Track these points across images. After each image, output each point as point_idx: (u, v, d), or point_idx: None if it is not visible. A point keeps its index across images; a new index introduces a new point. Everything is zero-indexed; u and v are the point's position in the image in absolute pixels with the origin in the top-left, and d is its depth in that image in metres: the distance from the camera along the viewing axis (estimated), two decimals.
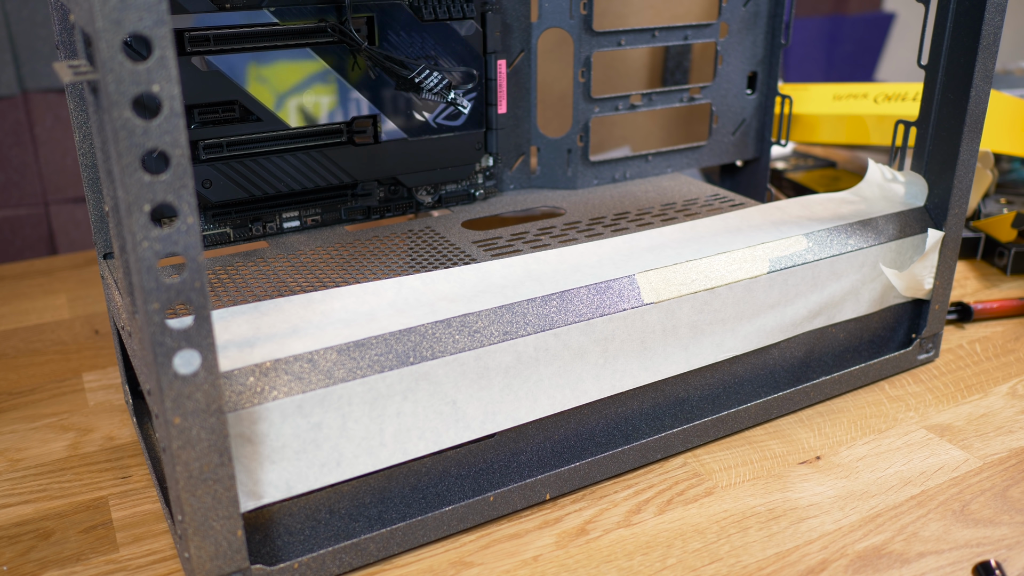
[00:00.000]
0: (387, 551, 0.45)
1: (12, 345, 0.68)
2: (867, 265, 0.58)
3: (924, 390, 0.61)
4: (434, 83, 0.58)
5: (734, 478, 0.52)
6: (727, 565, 0.45)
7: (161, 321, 0.33)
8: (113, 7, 0.29)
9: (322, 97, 0.55)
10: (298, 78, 0.54)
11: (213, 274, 0.52)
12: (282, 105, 0.54)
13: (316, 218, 0.59)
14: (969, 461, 0.53)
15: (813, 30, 1.77)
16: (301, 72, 0.54)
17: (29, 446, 0.55)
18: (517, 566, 0.45)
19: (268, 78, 0.53)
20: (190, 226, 0.32)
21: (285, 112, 0.54)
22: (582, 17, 0.63)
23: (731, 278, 0.52)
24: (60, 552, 0.46)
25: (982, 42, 0.53)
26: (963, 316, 0.70)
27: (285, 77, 0.54)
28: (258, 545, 0.43)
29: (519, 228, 0.59)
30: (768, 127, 0.73)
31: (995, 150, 0.84)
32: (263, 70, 0.53)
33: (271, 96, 0.53)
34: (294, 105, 0.54)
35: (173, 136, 0.31)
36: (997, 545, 0.46)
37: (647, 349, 0.50)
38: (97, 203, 0.52)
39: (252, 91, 0.53)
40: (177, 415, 0.35)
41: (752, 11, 0.69)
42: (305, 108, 0.55)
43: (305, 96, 0.55)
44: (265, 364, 0.40)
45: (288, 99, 0.54)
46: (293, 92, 0.54)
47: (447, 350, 0.44)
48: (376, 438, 0.43)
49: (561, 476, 0.49)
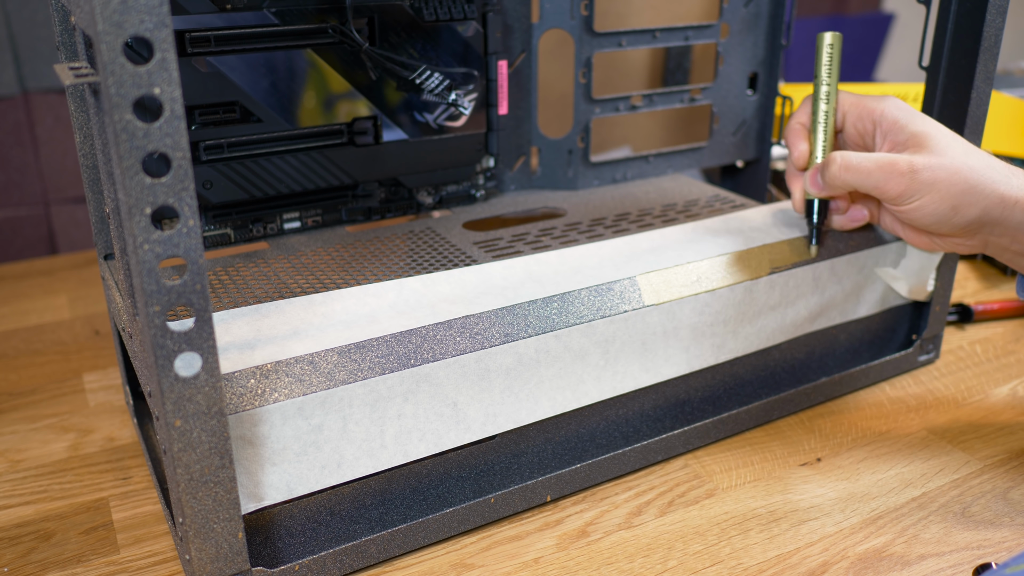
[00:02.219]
0: (388, 553, 0.45)
1: (12, 345, 0.68)
2: (867, 267, 0.58)
3: (925, 391, 0.61)
4: (435, 84, 0.58)
5: (735, 480, 0.52)
6: (728, 567, 0.45)
7: (162, 323, 0.33)
8: (114, 9, 0.29)
9: (323, 98, 0.55)
10: (299, 79, 0.54)
11: (214, 275, 0.52)
12: (283, 106, 0.54)
13: (317, 219, 0.59)
14: (970, 463, 0.53)
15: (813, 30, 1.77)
16: (302, 73, 0.54)
17: (30, 447, 0.55)
18: (518, 568, 0.45)
19: (269, 79, 0.53)
20: (191, 228, 0.32)
21: (286, 113, 0.54)
22: (583, 18, 0.63)
23: (732, 280, 0.52)
24: (61, 553, 0.46)
25: (983, 44, 0.53)
26: (963, 317, 0.70)
27: (286, 78, 0.53)
28: (259, 547, 0.43)
29: (520, 229, 0.59)
30: (769, 128, 0.73)
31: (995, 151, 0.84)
32: (264, 71, 0.53)
33: (272, 97, 0.53)
34: (295, 106, 0.54)
35: (174, 139, 0.31)
36: (998, 547, 0.46)
37: (648, 351, 0.50)
38: (98, 204, 0.52)
39: (253, 92, 0.53)
40: (178, 417, 0.35)
41: (753, 12, 0.69)
42: (306, 109, 0.55)
43: (306, 97, 0.55)
44: (266, 366, 0.40)
45: (289, 100, 0.54)
46: (294, 93, 0.54)
47: (448, 352, 0.44)
48: (377, 440, 0.43)
49: (562, 478, 0.49)
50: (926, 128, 0.50)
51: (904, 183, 0.49)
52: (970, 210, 0.48)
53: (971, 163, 0.48)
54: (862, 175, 0.50)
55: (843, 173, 0.50)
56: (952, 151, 0.49)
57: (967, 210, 0.48)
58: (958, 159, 0.48)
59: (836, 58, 0.53)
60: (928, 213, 0.49)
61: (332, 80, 0.55)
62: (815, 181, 0.53)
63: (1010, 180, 0.48)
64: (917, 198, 0.49)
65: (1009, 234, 0.49)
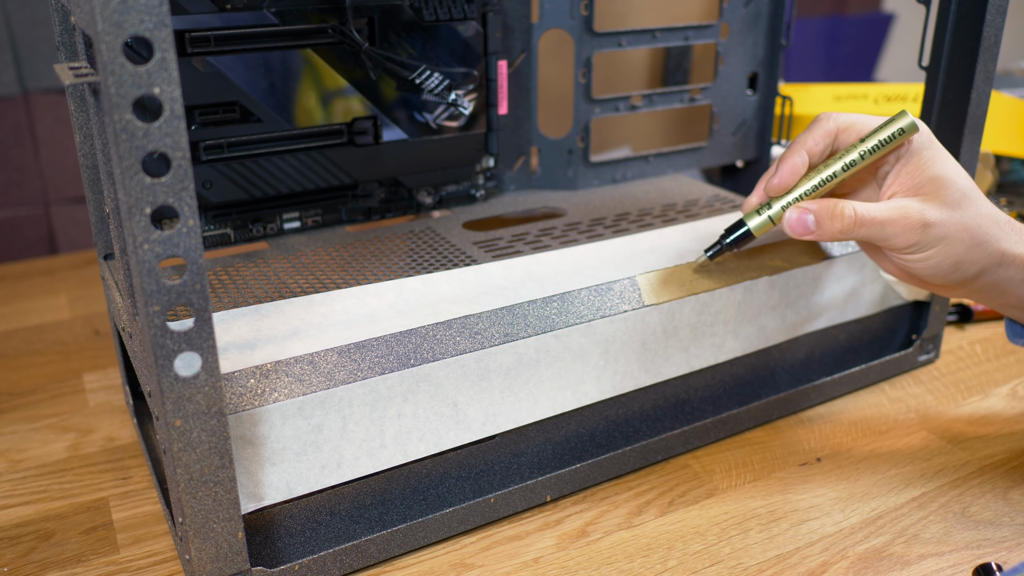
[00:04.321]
0: (388, 553, 0.45)
1: (12, 345, 0.68)
2: (867, 267, 0.58)
3: (925, 391, 0.61)
4: (435, 84, 0.58)
5: (735, 480, 0.52)
6: (728, 567, 0.45)
7: (162, 323, 0.33)
8: (114, 9, 0.29)
9: (323, 98, 0.55)
10: (299, 79, 0.54)
11: (214, 275, 0.52)
12: (282, 106, 0.54)
13: (317, 219, 0.59)
14: (970, 463, 0.53)
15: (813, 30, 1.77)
16: (302, 73, 0.54)
17: (29, 447, 0.55)
18: (518, 568, 0.45)
19: (269, 79, 0.53)
20: (191, 228, 0.32)
21: (286, 113, 0.54)
22: (583, 18, 0.63)
23: (731, 279, 0.52)
24: (61, 553, 0.46)
25: (983, 44, 0.53)
26: (963, 317, 0.70)
27: (286, 78, 0.53)
28: (259, 547, 0.43)
29: (520, 229, 0.59)
30: (769, 128, 0.73)
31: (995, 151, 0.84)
32: (264, 71, 0.53)
33: (271, 97, 0.53)
34: (294, 106, 0.54)
35: (174, 139, 0.31)
36: (998, 547, 0.46)
37: (648, 351, 0.50)
38: (98, 204, 0.52)
39: (252, 92, 0.53)
40: (178, 417, 0.35)
41: (753, 12, 0.69)
42: (305, 109, 0.55)
43: (305, 97, 0.55)
44: (266, 366, 0.40)
45: (289, 100, 0.54)
46: (294, 93, 0.54)
47: (448, 352, 0.44)
48: (377, 440, 0.43)
49: (562, 478, 0.49)
50: (945, 173, 0.47)
51: (915, 237, 0.46)
52: (971, 267, 0.47)
53: (980, 221, 0.47)
54: (875, 229, 0.46)
55: (856, 229, 0.46)
56: (965, 204, 0.47)
57: (968, 267, 0.47)
58: (969, 214, 0.46)
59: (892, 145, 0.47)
60: (931, 266, 0.47)
61: (332, 80, 0.55)
62: (804, 224, 0.47)
63: (1011, 236, 0.47)
64: (923, 250, 0.47)
65: (1000, 288, 0.48)
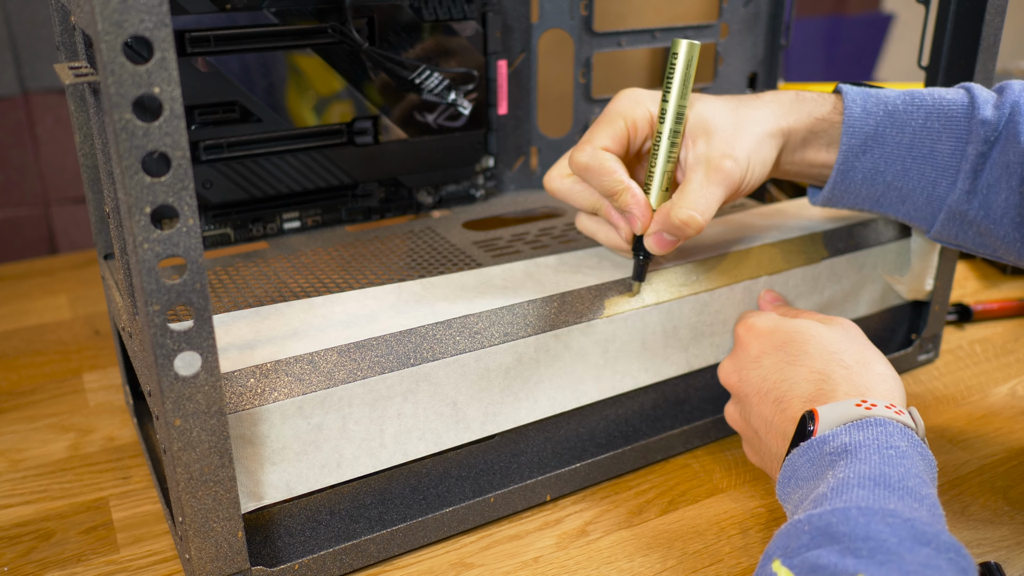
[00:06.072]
0: (388, 552, 0.45)
1: (12, 345, 0.68)
2: (867, 266, 0.58)
3: (924, 391, 0.61)
4: (434, 84, 0.58)
5: (735, 480, 0.52)
6: (728, 567, 0.45)
7: (162, 323, 0.33)
8: (114, 9, 0.29)
9: (322, 98, 0.55)
10: (299, 79, 0.54)
11: (213, 275, 0.52)
12: (282, 106, 0.54)
13: (316, 219, 0.59)
14: (969, 462, 0.53)
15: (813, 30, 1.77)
16: (302, 73, 0.54)
17: (30, 447, 0.55)
18: (518, 567, 0.45)
19: (268, 79, 0.53)
20: (191, 228, 0.32)
21: (285, 113, 0.54)
22: (582, 18, 0.63)
23: (731, 279, 0.52)
24: (61, 553, 0.46)
25: (982, 43, 0.53)
26: (963, 317, 0.70)
27: (286, 78, 0.54)
28: (259, 546, 0.43)
29: (520, 229, 0.59)
30: None
31: None
32: (263, 71, 0.53)
33: (271, 97, 0.53)
34: (294, 106, 0.54)
35: (174, 138, 0.31)
36: (997, 546, 0.46)
37: (647, 350, 0.50)
38: (98, 204, 0.52)
39: (252, 92, 0.53)
40: (178, 417, 0.35)
41: (752, 12, 0.69)
42: (305, 109, 0.55)
43: (305, 97, 0.55)
44: (266, 365, 0.40)
45: (288, 100, 0.54)
46: (293, 93, 0.54)
47: (448, 351, 0.44)
48: (376, 439, 0.43)
49: (562, 477, 0.49)
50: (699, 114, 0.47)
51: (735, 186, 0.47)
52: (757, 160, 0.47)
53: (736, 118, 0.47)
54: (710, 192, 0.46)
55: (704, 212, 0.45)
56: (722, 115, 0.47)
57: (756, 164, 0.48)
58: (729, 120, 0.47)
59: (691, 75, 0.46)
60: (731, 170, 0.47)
61: (332, 80, 0.55)
62: (665, 243, 0.46)
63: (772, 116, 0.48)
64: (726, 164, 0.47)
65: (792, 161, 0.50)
